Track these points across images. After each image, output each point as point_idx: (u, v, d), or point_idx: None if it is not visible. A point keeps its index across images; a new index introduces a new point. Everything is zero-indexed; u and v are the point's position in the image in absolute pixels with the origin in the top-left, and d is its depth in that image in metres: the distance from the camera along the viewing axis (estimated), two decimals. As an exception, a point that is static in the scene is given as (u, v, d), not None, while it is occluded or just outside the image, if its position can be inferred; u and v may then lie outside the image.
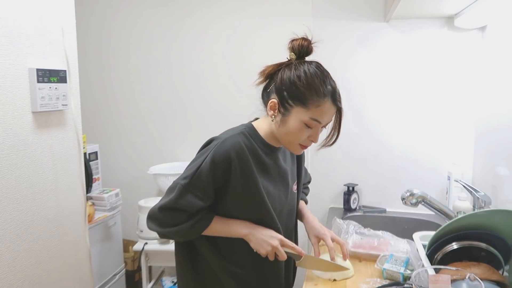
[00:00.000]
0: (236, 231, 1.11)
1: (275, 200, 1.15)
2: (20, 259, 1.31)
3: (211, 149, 1.06)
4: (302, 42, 1.09)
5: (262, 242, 1.09)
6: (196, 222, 1.08)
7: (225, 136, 1.09)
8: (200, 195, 1.05)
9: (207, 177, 1.04)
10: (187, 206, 1.05)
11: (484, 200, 1.43)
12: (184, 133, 2.39)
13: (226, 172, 1.05)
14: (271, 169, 1.15)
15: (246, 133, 1.11)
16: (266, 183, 1.13)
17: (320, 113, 1.05)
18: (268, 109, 1.09)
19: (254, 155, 1.10)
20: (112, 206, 2.17)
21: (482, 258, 1.09)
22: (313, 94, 1.03)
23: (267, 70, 1.11)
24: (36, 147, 1.37)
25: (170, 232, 1.08)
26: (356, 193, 2.12)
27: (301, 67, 1.06)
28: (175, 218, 1.07)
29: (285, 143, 1.11)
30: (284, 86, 1.05)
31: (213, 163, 1.04)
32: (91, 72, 2.44)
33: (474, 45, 1.93)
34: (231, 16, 2.22)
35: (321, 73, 1.06)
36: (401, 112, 2.07)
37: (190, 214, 1.07)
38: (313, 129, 1.07)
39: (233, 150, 1.05)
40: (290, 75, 1.05)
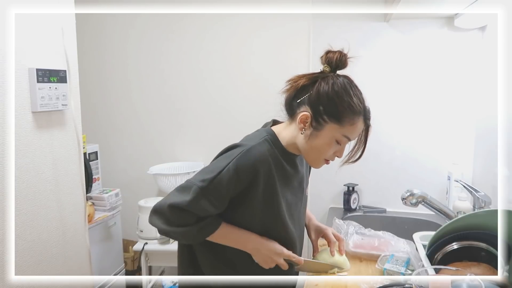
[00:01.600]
0: (242, 244, 1.10)
1: (292, 207, 1.15)
2: (20, 259, 1.31)
3: (235, 156, 1.01)
4: (340, 56, 1.07)
5: (267, 258, 1.10)
6: (204, 226, 1.05)
7: (250, 143, 1.05)
8: (215, 202, 1.02)
9: (228, 185, 1.00)
10: (199, 210, 1.02)
11: (484, 200, 1.43)
12: (184, 133, 2.39)
13: (250, 182, 1.03)
14: (292, 178, 1.14)
15: (269, 140, 1.08)
16: (286, 192, 1.12)
17: (352, 131, 1.05)
18: (298, 121, 1.05)
19: (277, 165, 1.07)
20: (112, 206, 2.17)
21: (482, 258, 1.09)
22: (349, 112, 1.02)
23: (301, 81, 1.06)
24: (36, 147, 1.37)
25: (175, 232, 1.04)
26: (356, 193, 2.12)
27: (338, 82, 1.03)
28: (183, 219, 1.03)
29: (310, 156, 1.09)
30: (320, 100, 1.02)
31: (237, 172, 1.00)
32: (91, 72, 2.44)
33: (474, 45, 1.93)
34: (231, 16, 2.22)
35: (356, 89, 1.06)
36: (401, 112, 2.07)
37: (199, 218, 1.04)
38: (341, 145, 1.07)
39: (259, 161, 1.02)
40: (328, 90, 1.02)
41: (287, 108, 1.11)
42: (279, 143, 1.09)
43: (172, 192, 1.05)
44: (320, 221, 1.36)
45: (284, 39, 2.18)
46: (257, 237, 1.10)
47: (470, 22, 1.84)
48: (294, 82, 1.07)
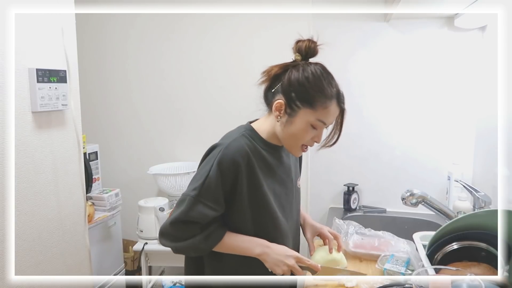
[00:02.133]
0: (249, 250, 1.08)
1: (282, 199, 1.15)
2: (20, 259, 1.31)
3: (216, 156, 1.05)
4: (309, 43, 1.09)
5: (278, 262, 1.07)
6: (210, 234, 1.06)
7: (228, 140, 1.08)
8: (211, 205, 1.04)
9: (216, 184, 1.03)
10: (199, 217, 1.03)
11: (484, 200, 1.43)
12: (184, 133, 2.39)
13: (234, 177, 1.05)
14: (276, 168, 1.15)
15: (247, 135, 1.11)
16: (272, 183, 1.13)
17: (326, 115, 1.06)
18: (274, 109, 1.08)
19: (258, 157, 1.09)
20: (112, 206, 2.17)
21: (482, 258, 1.09)
22: (321, 96, 1.04)
23: (273, 70, 1.10)
24: (36, 147, 1.37)
25: (183, 246, 1.06)
26: (356, 193, 2.12)
27: (308, 69, 1.06)
28: (187, 231, 1.05)
29: (288, 144, 1.11)
30: (292, 87, 1.05)
31: (220, 170, 1.03)
32: (91, 72, 2.44)
33: (474, 45, 1.93)
34: (231, 16, 2.22)
35: (327, 75, 1.07)
36: (401, 112, 2.07)
37: (202, 226, 1.05)
38: (317, 130, 1.08)
39: (238, 154, 1.04)
40: (298, 77, 1.05)
41: (265, 99, 1.15)
42: (258, 136, 1.12)
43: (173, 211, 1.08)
44: (320, 221, 1.36)
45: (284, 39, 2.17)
46: (264, 241, 1.10)
47: (470, 22, 1.84)
48: (268, 72, 1.11)
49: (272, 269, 1.08)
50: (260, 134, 1.13)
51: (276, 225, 1.13)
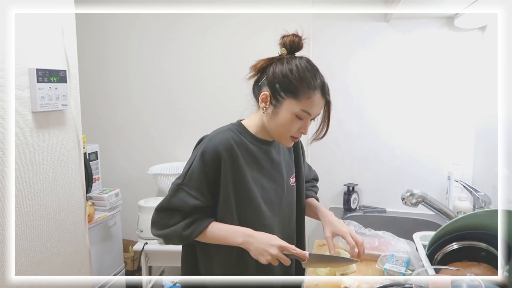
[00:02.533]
0: (232, 239, 1.09)
1: (270, 194, 1.16)
2: (20, 259, 1.31)
3: (200, 147, 1.10)
4: (293, 38, 1.12)
5: (261, 250, 1.06)
6: (192, 222, 1.08)
7: (213, 133, 1.14)
8: (193, 193, 1.07)
9: (199, 174, 1.07)
10: (180, 204, 1.07)
11: (484, 200, 1.43)
12: (184, 133, 2.39)
13: (216, 167, 1.07)
14: (263, 162, 1.16)
15: (234, 129, 1.14)
16: (259, 176, 1.14)
17: (310, 105, 1.07)
18: (260, 101, 1.11)
19: (244, 149, 1.12)
20: (112, 206, 2.17)
21: (482, 258, 1.09)
22: (304, 86, 1.06)
23: (259, 64, 1.13)
24: (36, 147, 1.37)
25: (166, 234, 1.09)
26: (356, 193, 2.12)
27: (292, 62, 1.08)
28: (170, 218, 1.08)
29: (276, 135, 1.13)
30: (276, 79, 1.08)
31: (202, 160, 1.07)
32: (91, 72, 2.44)
33: (474, 45, 1.93)
34: (231, 16, 2.22)
35: (312, 67, 1.09)
36: (401, 112, 2.07)
37: (185, 214, 1.07)
38: (303, 121, 1.09)
39: (221, 145, 1.08)
40: (282, 69, 1.07)
41: (253, 93, 1.17)
42: (246, 131, 1.15)
43: None
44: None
45: (284, 39, 2.18)
46: (248, 230, 1.09)
47: (470, 22, 1.84)
48: (254, 67, 1.14)
49: (257, 258, 1.07)
50: (248, 129, 1.15)
51: (261, 218, 1.14)
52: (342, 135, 2.14)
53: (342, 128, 2.13)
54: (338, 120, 2.12)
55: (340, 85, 2.11)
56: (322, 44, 2.11)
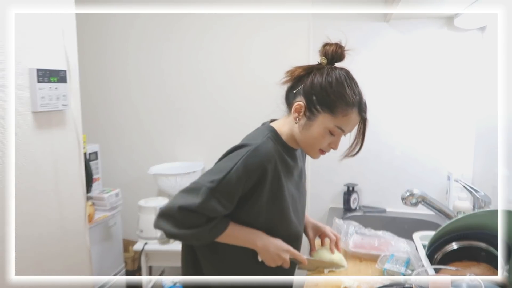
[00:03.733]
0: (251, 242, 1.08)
1: (297, 203, 1.16)
2: (20, 259, 1.31)
3: (243, 156, 1.02)
4: (336, 48, 1.08)
5: (275, 256, 1.08)
6: (214, 226, 1.04)
7: (256, 142, 1.05)
8: (224, 202, 1.02)
9: (237, 184, 1.01)
10: (209, 211, 1.01)
11: (484, 200, 1.43)
12: (184, 133, 2.39)
13: (257, 180, 1.03)
14: (294, 171, 1.15)
15: (272, 138, 1.09)
16: (291, 187, 1.13)
17: (346, 122, 1.05)
18: (293, 111, 1.07)
19: (282, 161, 1.09)
20: (112, 206, 2.17)
21: (482, 258, 1.09)
22: (342, 103, 1.02)
23: (297, 71, 1.08)
24: (36, 147, 1.37)
25: (186, 234, 1.03)
26: (356, 193, 2.12)
27: (332, 74, 1.04)
28: (193, 220, 1.02)
29: (305, 146, 1.11)
30: (314, 90, 1.03)
31: (246, 171, 1.00)
32: (91, 72, 2.44)
33: (474, 45, 1.93)
34: (231, 16, 2.22)
35: (351, 81, 1.06)
36: (401, 112, 2.07)
37: (209, 218, 1.03)
38: (335, 136, 1.07)
39: (266, 159, 1.03)
40: (321, 81, 1.03)
41: (286, 99, 1.13)
42: (280, 139, 1.11)
43: (180, 194, 1.04)
44: (320, 221, 1.36)
45: (284, 39, 2.18)
46: (265, 234, 1.09)
47: (470, 22, 1.84)
48: (291, 73, 1.09)
49: (267, 262, 1.09)
50: (282, 138, 1.11)
51: (289, 228, 1.13)
52: (342, 135, 2.13)
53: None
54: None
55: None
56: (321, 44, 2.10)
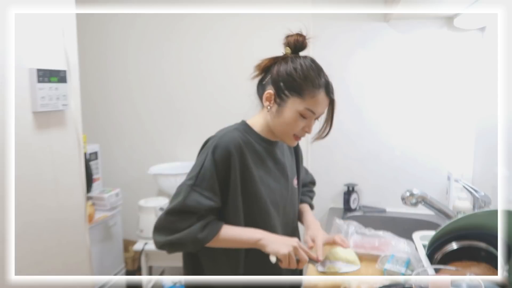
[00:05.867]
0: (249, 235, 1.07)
1: (276, 195, 1.15)
2: (20, 259, 1.31)
3: (210, 147, 1.07)
4: (297, 37, 1.12)
5: (280, 244, 1.04)
6: (207, 224, 1.04)
7: (221, 133, 1.12)
8: (207, 194, 1.04)
9: (211, 174, 1.05)
10: (195, 206, 1.03)
11: (484, 200, 1.43)
12: (184, 133, 2.39)
13: (227, 166, 1.06)
14: (269, 162, 1.16)
15: (240, 129, 1.13)
16: (266, 176, 1.13)
17: (314, 104, 1.08)
18: (264, 100, 1.11)
19: (251, 149, 1.11)
20: (112, 206, 2.17)
21: (482, 258, 1.09)
22: (308, 85, 1.06)
23: (263, 63, 1.14)
24: (36, 147, 1.37)
25: (180, 238, 1.02)
26: (356, 193, 2.12)
27: (297, 61, 1.09)
28: (184, 221, 1.03)
29: (280, 133, 1.13)
30: (280, 77, 1.08)
31: (214, 159, 1.05)
32: (91, 72, 2.44)
33: (474, 45, 1.93)
34: (231, 16, 2.22)
35: (316, 66, 1.10)
36: (401, 112, 2.07)
37: (199, 216, 1.04)
38: (307, 119, 1.10)
39: (231, 144, 1.07)
40: (286, 68, 1.08)
41: (257, 92, 1.18)
42: (252, 130, 1.14)
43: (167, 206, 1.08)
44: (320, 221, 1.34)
45: (284, 39, 2.18)
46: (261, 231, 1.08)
47: (469, 23, 1.84)
48: (259, 66, 1.15)
49: (276, 252, 1.02)
50: (254, 129, 1.15)
51: (266, 219, 1.13)
52: (342, 135, 2.14)
53: (342, 128, 2.13)
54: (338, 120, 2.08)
55: (340, 86, 2.08)
56: (322, 44, 2.11)
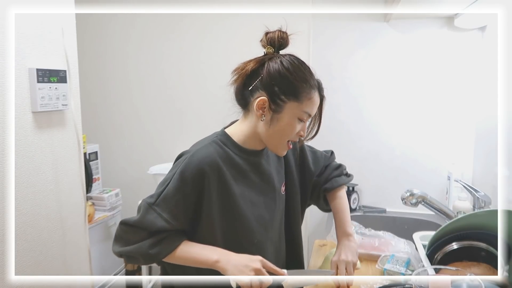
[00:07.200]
0: (205, 256, 0.97)
1: (260, 209, 1.07)
2: (20, 259, 1.31)
3: (180, 165, 0.98)
4: (280, 34, 1.02)
5: (241, 267, 0.93)
6: (160, 240, 0.97)
7: (195, 148, 1.02)
8: (165, 216, 0.96)
9: (175, 195, 0.96)
10: (148, 225, 0.97)
11: (484, 200, 1.43)
12: (184, 133, 2.39)
13: (200, 187, 0.97)
14: (251, 175, 1.06)
15: (218, 141, 1.04)
16: (248, 191, 1.04)
17: (311, 105, 1.01)
18: (256, 108, 1.00)
19: (230, 164, 1.02)
20: (112, 206, 2.17)
21: (482, 258, 1.09)
22: (305, 86, 0.99)
23: (249, 66, 1.02)
24: (36, 147, 1.37)
25: (129, 251, 0.98)
26: (356, 193, 2.12)
27: (286, 60, 0.99)
28: (135, 234, 0.98)
29: (274, 143, 1.03)
30: (274, 81, 0.98)
31: (182, 180, 0.96)
32: (91, 72, 2.44)
33: (474, 45, 1.93)
34: (231, 16, 2.22)
35: (304, 64, 1.02)
36: (401, 112, 2.07)
37: (150, 232, 0.97)
38: (302, 123, 1.02)
39: (204, 162, 0.97)
40: (278, 69, 0.98)
41: (239, 99, 1.07)
42: (231, 141, 1.04)
43: None
44: (320, 221, 1.34)
45: (284, 39, 2.18)
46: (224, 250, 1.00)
47: (470, 22, 1.84)
48: (241, 70, 1.03)
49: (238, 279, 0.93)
50: (234, 140, 1.05)
51: (249, 237, 1.05)
52: (342, 135, 2.14)
53: (342, 128, 2.13)
54: (338, 121, 2.12)
55: (340, 85, 2.11)
56: (321, 44, 2.11)
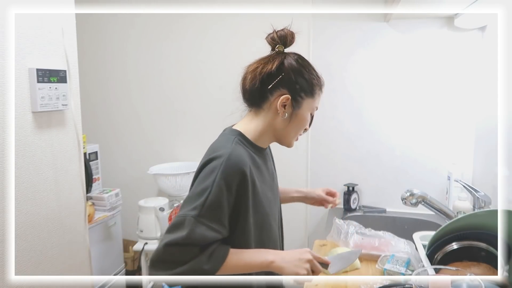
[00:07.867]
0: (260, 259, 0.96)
1: (272, 205, 1.09)
2: (20, 259, 1.31)
3: (217, 170, 0.92)
4: (289, 32, 1.05)
5: (296, 262, 0.96)
6: (212, 253, 0.92)
7: (225, 150, 0.97)
8: (214, 226, 0.91)
9: (221, 201, 0.91)
10: (200, 240, 0.90)
11: (484, 200, 1.43)
12: (184, 133, 2.39)
13: (241, 191, 0.95)
14: (265, 173, 1.09)
15: (239, 141, 1.03)
16: (265, 189, 1.06)
17: (319, 101, 1.07)
18: (279, 106, 1.01)
19: (253, 162, 1.01)
20: (112, 206, 2.17)
21: (482, 258, 1.09)
22: (318, 83, 1.05)
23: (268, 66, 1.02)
24: (36, 147, 1.37)
25: (185, 271, 0.90)
26: (356, 193, 2.12)
27: (300, 58, 1.05)
28: (185, 254, 0.90)
29: (290, 137, 1.07)
30: (295, 78, 1.01)
31: (227, 184, 0.92)
32: (91, 72, 2.44)
33: (474, 45, 1.93)
34: (231, 16, 2.22)
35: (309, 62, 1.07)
36: (401, 112, 2.07)
37: (202, 246, 0.91)
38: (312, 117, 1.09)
39: (242, 163, 0.95)
40: (298, 67, 1.02)
41: (256, 98, 1.07)
42: (248, 140, 1.05)
43: (165, 235, 0.93)
44: (320, 221, 1.36)
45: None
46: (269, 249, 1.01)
47: (470, 22, 1.84)
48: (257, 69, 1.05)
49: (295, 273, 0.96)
50: (249, 138, 1.06)
51: (270, 235, 1.07)
52: (342, 135, 2.14)
53: (342, 128, 2.13)
54: (338, 120, 2.12)
55: (339, 86, 2.11)
56: (321, 44, 2.11)
